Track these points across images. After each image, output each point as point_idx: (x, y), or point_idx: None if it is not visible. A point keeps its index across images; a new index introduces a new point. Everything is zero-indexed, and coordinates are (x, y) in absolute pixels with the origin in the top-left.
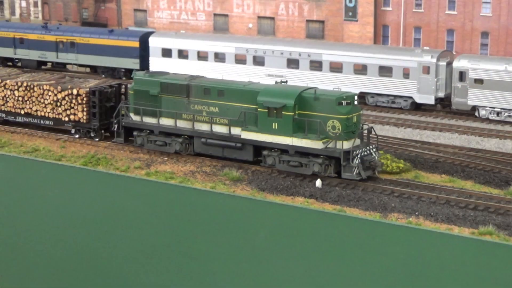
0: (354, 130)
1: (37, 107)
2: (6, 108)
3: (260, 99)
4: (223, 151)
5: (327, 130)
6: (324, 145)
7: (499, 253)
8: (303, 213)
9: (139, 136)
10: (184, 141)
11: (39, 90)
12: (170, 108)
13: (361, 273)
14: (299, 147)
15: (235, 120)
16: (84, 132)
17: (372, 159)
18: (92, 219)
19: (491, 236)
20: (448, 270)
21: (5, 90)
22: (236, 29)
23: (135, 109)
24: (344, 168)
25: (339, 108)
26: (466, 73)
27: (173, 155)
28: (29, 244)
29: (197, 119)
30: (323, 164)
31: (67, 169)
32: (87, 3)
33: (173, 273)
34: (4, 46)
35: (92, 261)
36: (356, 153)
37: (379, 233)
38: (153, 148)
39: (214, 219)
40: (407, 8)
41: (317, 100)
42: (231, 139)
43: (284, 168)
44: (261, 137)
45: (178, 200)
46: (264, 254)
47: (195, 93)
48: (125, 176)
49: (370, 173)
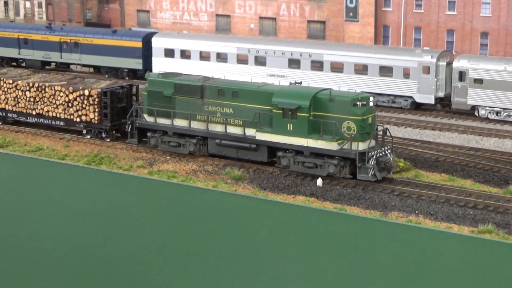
0: (369, 131)
1: (49, 107)
2: (17, 109)
3: (275, 100)
4: (237, 152)
5: (342, 131)
6: (339, 146)
7: (498, 252)
8: (304, 211)
9: (153, 137)
10: (198, 142)
11: (50, 91)
12: (184, 109)
13: (362, 271)
14: (314, 148)
15: (249, 121)
16: (95, 133)
17: (387, 160)
18: (95, 217)
19: (491, 234)
20: (447, 268)
21: (17, 91)
22: (238, 29)
23: (148, 110)
24: (359, 170)
25: (354, 109)
26: (466, 73)
27: (175, 154)
28: (33, 242)
29: (211, 120)
30: (338, 165)
31: (71, 168)
32: (90, 4)
33: (175, 271)
34: (9, 46)
35: (95, 259)
36: (371, 154)
37: (379, 231)
38: (166, 149)
39: (216, 218)
40: (408, 8)
41: (332, 101)
42: (245, 140)
43: (299, 169)
44: (275, 138)
45: (180, 198)
46: (266, 252)
47: (209, 94)
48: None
49: (385, 174)
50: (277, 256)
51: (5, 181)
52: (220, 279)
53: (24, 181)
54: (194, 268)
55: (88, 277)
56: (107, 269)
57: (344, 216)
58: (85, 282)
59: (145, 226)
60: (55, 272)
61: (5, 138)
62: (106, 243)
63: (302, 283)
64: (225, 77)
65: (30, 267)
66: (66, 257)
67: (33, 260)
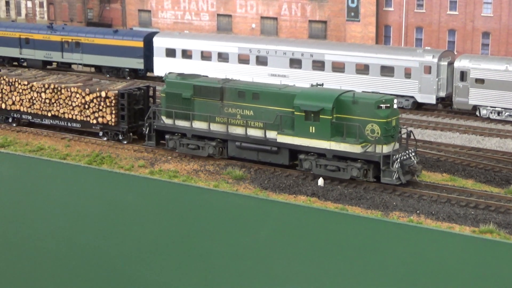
0: (394, 134)
1: (65, 109)
2: (32, 110)
3: (297, 102)
4: (257, 155)
5: (366, 134)
6: (363, 149)
7: (500, 252)
8: (305, 211)
9: (171, 140)
10: (218, 144)
11: (66, 92)
12: (203, 111)
13: (363, 271)
14: (337, 151)
15: (270, 124)
16: (112, 135)
17: (412, 163)
18: (96, 217)
19: (492, 234)
20: (448, 268)
21: (32, 92)
22: (239, 29)
23: (167, 112)
24: (383, 173)
25: (378, 112)
26: (467, 73)
27: (176, 153)
28: (34, 242)
29: (231, 122)
30: (361, 169)
31: (72, 168)
32: (92, 3)
33: (176, 270)
34: (10, 46)
35: (96, 259)
36: (395, 158)
37: (380, 231)
38: (185, 151)
39: (217, 217)
40: (409, 8)
41: (355, 103)
42: (266, 142)
43: (321, 172)
44: (297, 141)
45: (181, 198)
46: (267, 252)
47: (229, 96)
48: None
49: (410, 178)
50: (278, 256)
51: (6, 180)
52: (221, 279)
53: (25, 181)
54: (194, 268)
55: (88, 277)
56: (108, 269)
57: (346, 216)
58: (86, 282)
59: (146, 225)
60: (56, 272)
61: (6, 137)
62: (106, 242)
63: (303, 283)
64: (226, 77)
65: (30, 267)
66: (67, 257)
67: (34, 260)
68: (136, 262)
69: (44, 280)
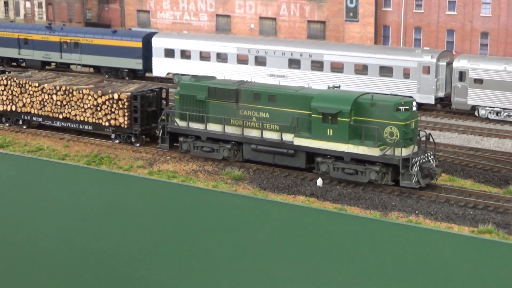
0: (412, 137)
1: (76, 111)
2: (43, 113)
3: (314, 105)
4: (274, 158)
5: (384, 136)
6: (381, 152)
7: (499, 252)
8: (304, 211)
9: (185, 142)
10: (233, 147)
11: (78, 94)
12: (218, 114)
13: (362, 271)
14: (356, 154)
15: (287, 126)
16: (124, 138)
17: (431, 167)
18: (95, 217)
19: (491, 234)
20: (447, 268)
21: (43, 94)
22: (238, 29)
23: (180, 115)
24: (402, 176)
25: (397, 114)
26: (466, 73)
27: (175, 154)
28: (33, 242)
29: (247, 125)
30: (380, 172)
31: (71, 168)
32: (90, 4)
33: (175, 270)
34: (9, 47)
35: (95, 259)
36: (415, 161)
37: (379, 231)
38: (200, 154)
39: (216, 218)
40: (408, 8)
41: (374, 106)
42: (282, 145)
43: (339, 175)
44: (314, 144)
45: (180, 198)
46: (266, 252)
47: (244, 98)
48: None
49: (429, 181)
50: (277, 256)
51: (5, 181)
52: (220, 279)
53: (23, 181)
54: (194, 268)
55: (88, 277)
56: (107, 269)
57: (344, 216)
58: (85, 282)
59: (145, 226)
60: (55, 272)
61: (5, 138)
62: (106, 243)
63: (302, 283)
64: (225, 77)
65: (30, 267)
66: (66, 257)
67: (33, 260)
68: (135, 262)
69: (42, 280)
